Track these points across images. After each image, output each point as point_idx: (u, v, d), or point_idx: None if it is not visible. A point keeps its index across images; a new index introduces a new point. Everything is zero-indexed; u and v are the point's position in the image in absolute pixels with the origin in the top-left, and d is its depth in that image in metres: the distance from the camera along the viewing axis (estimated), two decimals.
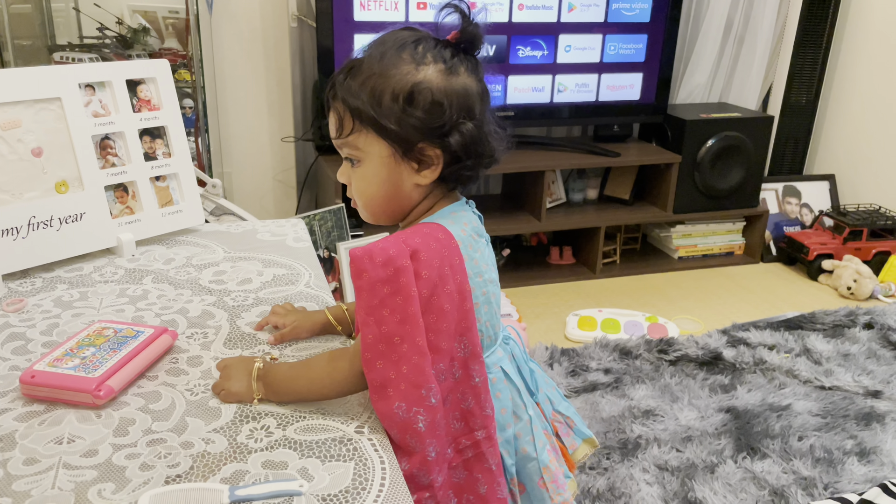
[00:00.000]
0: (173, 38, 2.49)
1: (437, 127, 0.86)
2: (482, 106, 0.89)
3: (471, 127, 0.86)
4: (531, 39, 2.59)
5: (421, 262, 0.82)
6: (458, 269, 0.86)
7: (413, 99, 0.85)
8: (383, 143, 0.87)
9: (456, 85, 0.86)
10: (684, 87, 3.06)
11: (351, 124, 0.87)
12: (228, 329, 1.06)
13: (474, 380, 0.87)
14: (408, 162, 0.88)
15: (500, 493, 0.90)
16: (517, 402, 0.95)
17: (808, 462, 1.68)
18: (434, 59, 0.86)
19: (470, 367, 0.87)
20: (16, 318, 1.07)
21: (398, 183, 0.89)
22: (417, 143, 0.86)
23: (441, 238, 0.85)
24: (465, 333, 0.87)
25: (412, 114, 0.85)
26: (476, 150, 0.88)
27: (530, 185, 2.74)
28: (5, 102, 1.19)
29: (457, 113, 0.86)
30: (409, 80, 0.85)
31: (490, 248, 0.96)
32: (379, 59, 0.87)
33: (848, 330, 2.34)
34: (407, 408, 0.81)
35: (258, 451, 0.80)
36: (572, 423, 1.07)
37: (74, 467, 0.76)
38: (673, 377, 2.03)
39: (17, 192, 1.20)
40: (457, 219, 0.90)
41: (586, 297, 2.64)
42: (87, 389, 0.85)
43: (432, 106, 0.85)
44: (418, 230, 0.86)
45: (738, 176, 2.87)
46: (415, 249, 0.82)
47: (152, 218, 1.36)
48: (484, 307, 0.91)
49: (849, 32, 3.06)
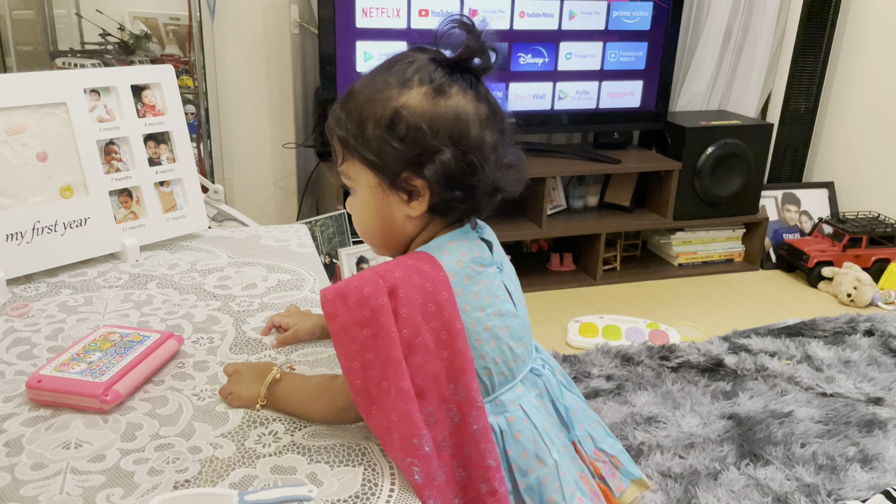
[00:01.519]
0: (174, 45, 2.50)
1: (417, 155, 0.79)
2: (483, 130, 0.80)
3: (448, 156, 0.78)
4: (532, 47, 2.60)
5: (400, 299, 0.76)
6: (445, 305, 0.78)
7: (393, 126, 0.79)
8: (370, 174, 0.82)
9: (443, 108, 0.79)
10: (684, 94, 3.07)
11: (341, 154, 0.84)
12: (234, 334, 1.05)
13: (472, 427, 0.78)
14: (396, 192, 0.82)
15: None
16: (540, 444, 0.85)
17: (811, 469, 1.68)
18: (421, 80, 0.79)
19: (466, 412, 0.79)
20: (21, 323, 1.07)
21: (388, 214, 0.84)
22: (401, 172, 0.80)
23: (426, 271, 0.78)
24: (458, 376, 0.78)
25: (391, 142, 0.79)
26: (463, 181, 0.79)
27: (531, 191, 2.74)
28: (11, 107, 1.19)
29: (441, 139, 0.78)
30: (391, 105, 0.79)
31: (503, 274, 0.88)
32: (369, 83, 0.82)
33: (849, 337, 2.34)
34: (402, 457, 0.75)
35: (267, 455, 0.79)
36: (618, 463, 0.96)
37: (82, 472, 0.76)
38: (675, 384, 2.03)
39: (21, 196, 1.20)
40: (453, 248, 0.82)
41: (587, 304, 2.64)
42: (94, 394, 0.85)
43: (411, 132, 0.78)
44: (401, 262, 0.79)
45: (738, 183, 2.88)
46: (393, 285, 0.76)
47: (156, 223, 1.36)
48: (490, 343, 0.83)
49: (847, 40, 3.07)
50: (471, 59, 0.81)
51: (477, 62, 0.81)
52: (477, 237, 0.87)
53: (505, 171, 0.83)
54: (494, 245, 0.89)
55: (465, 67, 0.81)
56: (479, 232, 0.88)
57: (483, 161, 0.80)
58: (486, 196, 0.83)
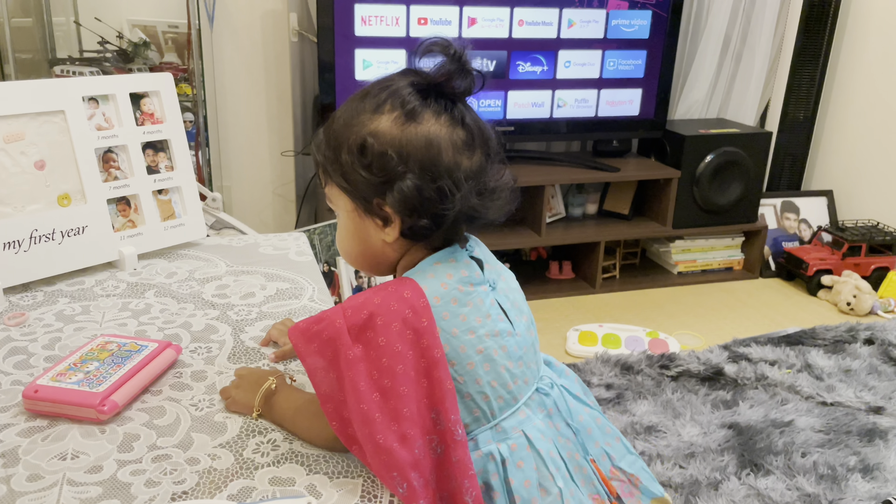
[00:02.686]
0: (173, 53, 2.50)
1: (384, 182, 0.77)
2: (459, 156, 0.78)
3: (409, 184, 0.75)
4: (531, 55, 2.60)
5: (377, 328, 0.74)
6: (424, 332, 0.75)
7: (363, 152, 0.78)
8: (346, 198, 0.82)
9: (412, 134, 0.77)
10: (683, 102, 3.07)
11: (322, 178, 0.85)
12: (233, 343, 1.05)
13: (452, 459, 0.75)
14: (371, 218, 0.81)
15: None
16: (543, 471, 0.81)
17: (812, 478, 1.67)
18: (392, 106, 0.78)
19: (448, 442, 0.75)
20: (17, 332, 1.06)
21: (367, 238, 0.83)
22: (372, 199, 0.79)
23: (406, 297, 0.76)
24: (437, 405, 0.75)
25: (359, 169, 0.78)
26: (429, 208, 0.77)
27: (530, 199, 2.74)
28: (9, 115, 1.18)
29: (409, 166, 0.76)
30: (361, 131, 0.78)
31: (495, 292, 0.84)
32: (348, 108, 0.81)
33: (849, 345, 2.33)
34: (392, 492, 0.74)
35: (265, 466, 0.79)
36: (637, 481, 0.91)
37: (79, 483, 0.75)
38: (675, 393, 2.02)
39: (19, 205, 1.19)
40: (438, 270, 0.80)
41: (586, 312, 2.64)
42: (91, 404, 0.84)
43: (378, 159, 0.77)
44: (383, 288, 0.77)
45: (737, 191, 2.88)
46: (371, 313, 0.74)
47: (154, 231, 1.35)
48: (483, 366, 0.79)
49: (846, 49, 3.08)
50: (449, 81, 0.79)
51: (457, 85, 0.79)
52: (466, 256, 0.83)
53: (487, 196, 0.80)
54: (486, 262, 0.85)
55: (442, 91, 0.79)
56: (468, 250, 0.85)
57: (454, 188, 0.77)
58: (459, 223, 0.81)
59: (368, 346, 0.74)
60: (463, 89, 0.79)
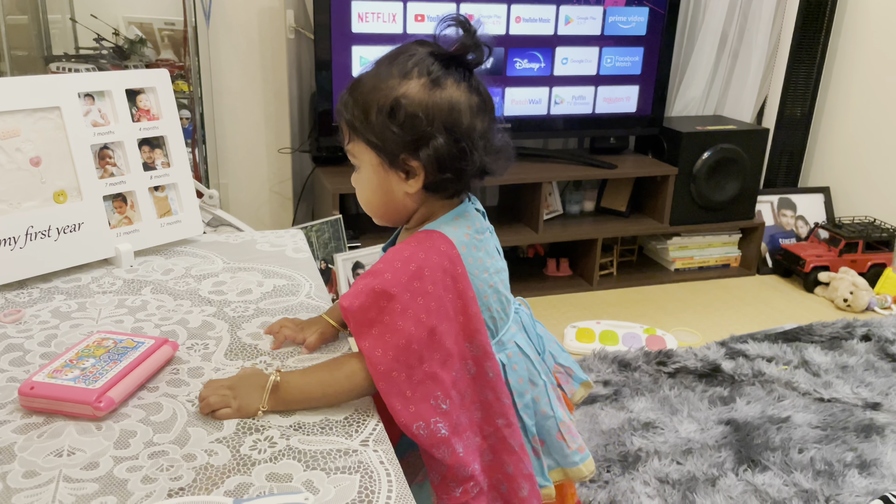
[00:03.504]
0: (169, 50, 2.49)
1: (414, 140, 0.88)
2: (474, 119, 0.90)
3: (442, 142, 0.87)
4: (528, 52, 2.60)
5: (426, 277, 0.87)
6: (460, 278, 0.90)
7: (394, 113, 0.88)
8: (373, 154, 0.91)
9: (438, 98, 0.88)
10: (680, 99, 3.07)
11: (348, 135, 0.94)
12: (229, 340, 1.05)
13: (488, 375, 0.92)
14: (395, 171, 0.91)
15: (525, 469, 0.96)
16: (532, 370, 1.00)
17: (809, 474, 1.67)
18: (419, 72, 0.88)
19: (483, 364, 0.92)
20: (13, 329, 1.06)
21: (389, 190, 0.93)
22: (400, 154, 0.89)
23: (443, 250, 0.89)
24: (473, 336, 0.91)
25: (391, 127, 0.88)
26: (454, 164, 0.89)
27: (527, 196, 2.74)
28: (4, 111, 1.18)
29: (436, 126, 0.87)
30: (392, 94, 0.88)
31: (494, 235, 1.01)
32: (374, 73, 0.91)
33: (845, 342, 2.34)
34: (426, 424, 0.85)
35: (262, 462, 0.78)
36: (571, 372, 1.15)
37: (75, 480, 0.75)
38: (672, 389, 2.03)
39: (14, 201, 1.19)
40: (460, 223, 0.94)
41: (583, 309, 2.64)
42: (87, 401, 0.84)
43: (409, 119, 0.88)
44: (422, 243, 0.90)
45: (734, 188, 2.88)
46: (419, 266, 0.87)
47: (151, 228, 1.35)
48: (493, 297, 0.96)
49: (843, 46, 3.08)
50: (465, 54, 0.90)
51: (471, 57, 0.91)
52: (474, 209, 0.98)
53: (493, 155, 0.93)
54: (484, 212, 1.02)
55: (459, 61, 0.90)
56: (473, 203, 0.99)
57: (472, 147, 0.90)
58: (474, 177, 0.93)
59: (417, 294, 0.86)
60: (476, 61, 0.91)
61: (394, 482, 0.77)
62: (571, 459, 1.04)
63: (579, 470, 1.05)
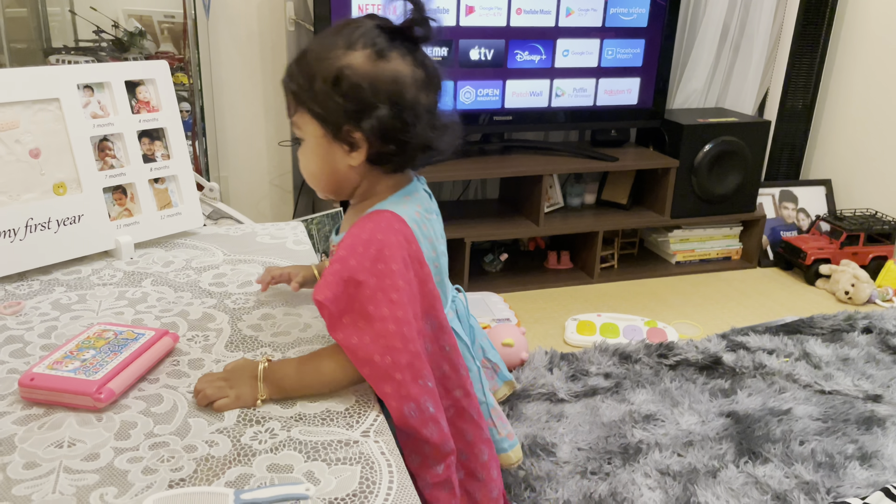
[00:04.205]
0: (169, 42, 2.48)
1: (357, 111, 0.88)
2: (418, 92, 0.89)
3: (385, 113, 0.87)
4: (529, 44, 2.59)
5: (388, 258, 0.86)
6: (416, 255, 0.90)
7: (338, 82, 0.88)
8: (316, 124, 0.91)
9: (382, 70, 0.87)
10: (681, 92, 3.06)
11: (293, 106, 0.94)
12: (230, 332, 1.04)
13: (445, 349, 0.94)
14: (339, 143, 0.91)
15: (484, 435, 1.00)
16: (466, 355, 1.02)
17: (810, 466, 1.67)
18: (365, 43, 0.88)
19: (440, 339, 0.93)
20: (13, 321, 1.06)
21: (333, 162, 0.93)
22: (343, 125, 0.89)
23: (398, 229, 0.89)
24: (430, 312, 0.92)
25: (334, 96, 0.88)
26: (396, 136, 0.89)
27: (528, 189, 2.74)
28: (3, 103, 1.17)
29: (379, 98, 0.87)
30: (336, 63, 0.88)
31: (440, 219, 1.01)
32: (320, 43, 0.91)
33: (847, 334, 2.33)
34: (417, 405, 0.85)
35: (263, 452, 0.78)
36: (497, 369, 1.18)
37: (75, 471, 0.75)
38: (673, 381, 2.02)
39: (14, 193, 1.18)
40: (410, 202, 0.94)
41: (584, 302, 2.64)
42: (87, 392, 0.83)
43: (353, 89, 0.87)
44: (377, 224, 0.89)
45: (735, 181, 2.87)
46: (379, 248, 0.86)
47: (151, 220, 1.35)
48: (437, 278, 0.96)
49: (845, 38, 3.07)
50: (412, 28, 0.90)
51: (418, 32, 0.90)
52: (422, 188, 0.99)
53: (439, 131, 0.92)
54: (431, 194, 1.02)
55: (406, 35, 0.90)
56: (421, 183, 1.00)
57: (416, 120, 0.89)
58: (418, 151, 0.92)
59: (383, 276, 0.85)
60: (423, 35, 0.90)
61: (395, 473, 0.77)
62: (500, 446, 1.07)
63: (508, 456, 1.08)
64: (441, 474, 0.90)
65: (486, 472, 1.01)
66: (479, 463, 0.99)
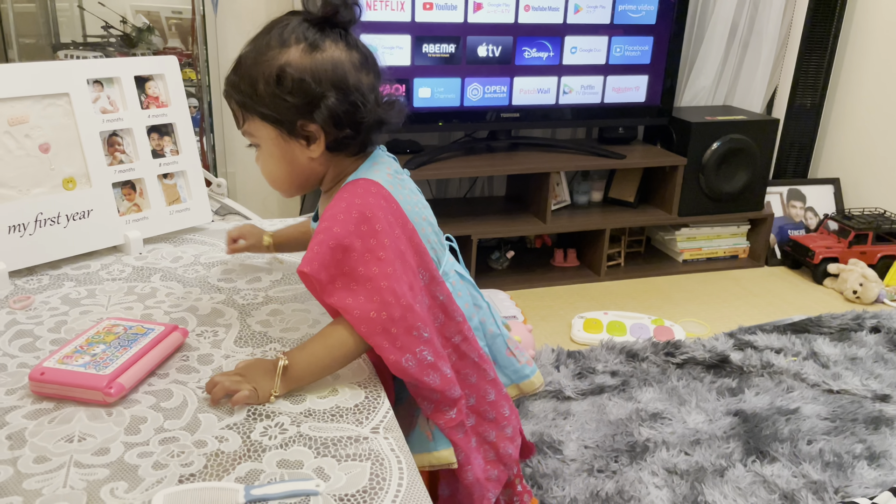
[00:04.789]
0: (176, 39, 2.48)
1: (307, 104, 0.90)
2: (360, 74, 0.92)
3: (334, 100, 0.89)
4: (537, 41, 2.58)
5: (371, 219, 0.88)
6: (398, 213, 0.92)
7: (281, 81, 0.89)
8: (269, 127, 0.93)
9: (321, 60, 0.90)
10: (689, 89, 3.05)
11: (241, 116, 0.95)
12: (239, 327, 1.04)
13: (439, 299, 0.96)
14: (295, 140, 0.93)
15: (489, 376, 1.02)
16: (474, 294, 1.06)
17: (818, 466, 1.66)
18: (297, 38, 0.90)
19: (433, 290, 0.95)
20: (23, 316, 1.06)
21: (293, 160, 0.95)
22: (296, 121, 0.91)
23: (375, 192, 0.91)
24: (421, 265, 0.94)
25: (282, 96, 0.89)
26: (350, 119, 0.91)
27: (535, 187, 2.73)
28: (13, 97, 1.17)
29: (325, 87, 0.89)
30: (274, 63, 0.90)
31: (410, 178, 1.03)
32: (253, 48, 0.93)
33: (855, 334, 2.33)
34: (413, 355, 0.87)
35: (273, 448, 0.78)
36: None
37: (86, 466, 0.75)
38: (680, 380, 2.02)
39: (24, 188, 1.19)
40: (379, 167, 0.96)
41: (591, 300, 2.63)
42: (97, 387, 0.83)
43: (297, 84, 0.89)
44: (354, 192, 0.90)
45: (743, 179, 2.86)
46: (360, 211, 0.88)
47: (160, 216, 1.35)
48: (428, 229, 0.99)
49: (854, 36, 3.05)
50: (336, 13, 0.92)
51: (343, 16, 0.92)
52: (386, 154, 1.01)
53: (386, 107, 0.95)
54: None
55: (332, 22, 0.92)
56: (383, 151, 1.02)
57: (364, 100, 0.91)
58: (373, 129, 0.95)
59: (368, 236, 0.87)
60: (348, 19, 0.93)
61: (405, 470, 0.76)
62: (523, 373, 1.10)
63: (531, 382, 1.11)
64: (455, 418, 0.95)
65: (496, 410, 1.03)
66: (487, 403, 1.02)
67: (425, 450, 0.97)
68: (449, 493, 1.03)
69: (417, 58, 2.46)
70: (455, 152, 2.68)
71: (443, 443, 0.96)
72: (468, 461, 0.98)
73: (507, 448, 1.05)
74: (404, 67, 2.45)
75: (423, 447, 0.97)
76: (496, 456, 1.04)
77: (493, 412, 1.03)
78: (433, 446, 0.97)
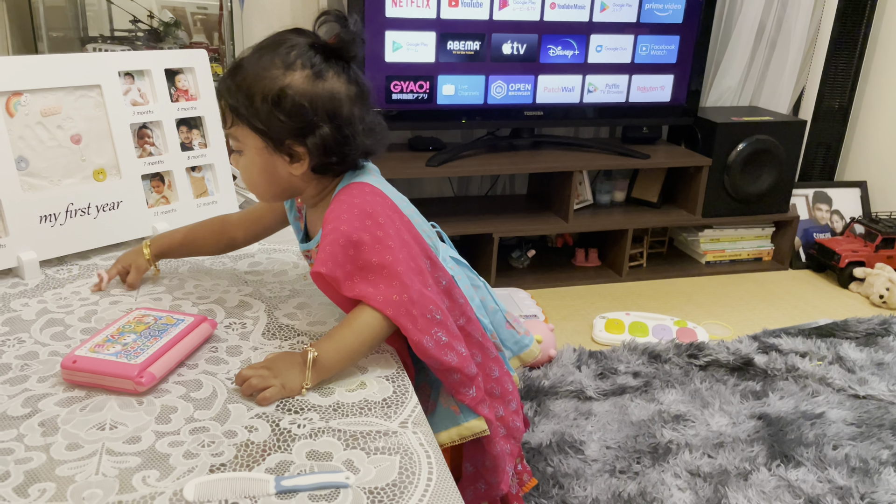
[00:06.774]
0: (201, 33, 2.50)
1: (300, 128, 0.93)
2: (353, 107, 0.95)
3: (327, 131, 0.93)
4: (562, 39, 2.57)
5: (373, 214, 0.93)
6: (393, 208, 0.97)
7: (279, 102, 0.92)
8: (257, 137, 0.95)
9: (321, 89, 0.93)
10: (715, 89, 3.02)
11: (231, 119, 0.96)
12: (266, 320, 1.05)
13: (441, 284, 0.99)
14: (280, 154, 0.95)
15: (492, 354, 1.06)
16: (470, 276, 1.11)
17: (844, 471, 1.64)
18: (303, 64, 0.93)
19: (436, 276, 0.99)
20: (54, 305, 1.07)
21: (274, 172, 0.97)
22: (285, 140, 0.94)
23: (369, 191, 0.96)
24: (423, 253, 0.98)
25: (277, 115, 0.92)
26: (339, 149, 0.95)
27: (557, 185, 2.72)
28: (46, 88, 1.18)
29: (320, 116, 0.92)
30: (277, 83, 0.92)
31: None
32: (256, 61, 0.94)
33: (881, 339, 2.29)
34: (431, 337, 0.91)
35: (302, 438, 0.78)
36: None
37: (118, 454, 0.75)
38: (703, 382, 2.00)
39: (55, 178, 1.20)
40: (363, 172, 1.00)
41: (612, 300, 2.62)
42: (129, 376, 0.84)
43: (295, 108, 0.92)
44: (350, 195, 0.95)
45: (769, 181, 2.83)
46: (361, 208, 0.93)
47: (188, 208, 1.36)
48: (416, 220, 1.02)
49: (883, 37, 3.01)
50: (344, 48, 0.95)
51: (350, 50, 0.96)
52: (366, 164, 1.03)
53: (371, 135, 0.98)
54: None
55: (338, 54, 0.95)
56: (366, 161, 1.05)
57: (354, 133, 0.95)
58: (358, 158, 1.00)
59: (374, 228, 0.92)
60: (353, 54, 0.96)
61: (434, 465, 0.76)
62: (524, 343, 1.16)
63: (531, 351, 1.17)
64: (476, 396, 0.99)
65: (501, 386, 1.08)
66: (493, 380, 1.06)
67: (454, 423, 1.01)
68: (472, 469, 1.08)
69: (442, 55, 2.45)
70: (477, 150, 2.68)
71: (471, 414, 1.00)
72: (496, 433, 1.03)
73: (515, 422, 1.10)
74: (429, 64, 2.45)
75: (452, 421, 1.01)
76: (507, 430, 1.08)
77: (498, 388, 1.07)
78: (462, 419, 1.01)
